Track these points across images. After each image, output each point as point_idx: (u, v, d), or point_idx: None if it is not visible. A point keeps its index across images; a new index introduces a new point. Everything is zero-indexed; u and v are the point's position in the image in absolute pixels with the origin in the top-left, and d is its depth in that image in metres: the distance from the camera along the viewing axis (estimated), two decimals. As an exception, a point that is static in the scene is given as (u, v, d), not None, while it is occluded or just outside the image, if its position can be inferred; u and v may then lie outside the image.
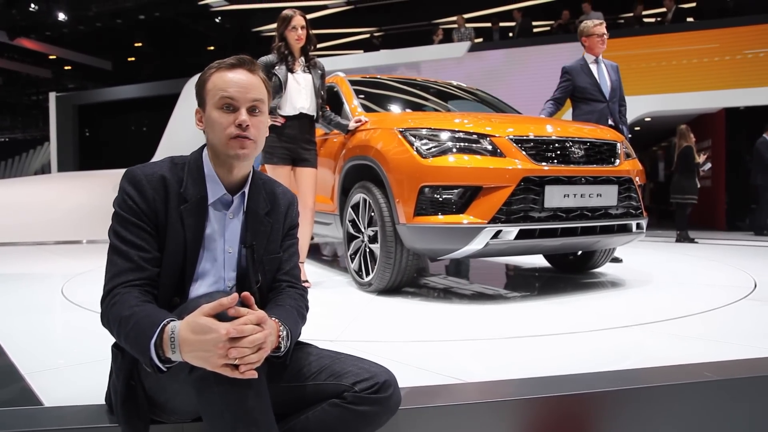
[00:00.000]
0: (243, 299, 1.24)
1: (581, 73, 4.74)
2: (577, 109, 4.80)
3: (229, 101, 1.40)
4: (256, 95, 1.42)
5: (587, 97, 4.71)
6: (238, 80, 1.41)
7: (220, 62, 1.45)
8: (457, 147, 3.27)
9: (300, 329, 1.45)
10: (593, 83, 4.71)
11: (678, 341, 2.48)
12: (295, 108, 3.76)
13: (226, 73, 1.42)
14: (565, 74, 4.80)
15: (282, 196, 1.59)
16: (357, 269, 3.79)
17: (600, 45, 4.76)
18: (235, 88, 1.40)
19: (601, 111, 4.66)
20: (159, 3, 16.75)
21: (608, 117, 4.68)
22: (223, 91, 1.40)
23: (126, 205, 1.37)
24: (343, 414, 1.32)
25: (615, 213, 3.51)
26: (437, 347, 2.44)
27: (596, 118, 4.60)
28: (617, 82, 4.82)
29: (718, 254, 5.95)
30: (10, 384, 1.92)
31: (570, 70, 4.79)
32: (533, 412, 1.70)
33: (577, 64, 4.80)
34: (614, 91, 4.76)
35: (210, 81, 1.43)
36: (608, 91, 4.73)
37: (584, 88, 4.71)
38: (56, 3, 16.64)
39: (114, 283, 1.33)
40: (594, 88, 4.70)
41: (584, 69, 4.75)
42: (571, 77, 4.75)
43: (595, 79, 4.73)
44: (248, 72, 1.43)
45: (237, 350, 1.14)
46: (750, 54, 9.87)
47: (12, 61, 22.38)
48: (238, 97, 1.40)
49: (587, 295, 3.56)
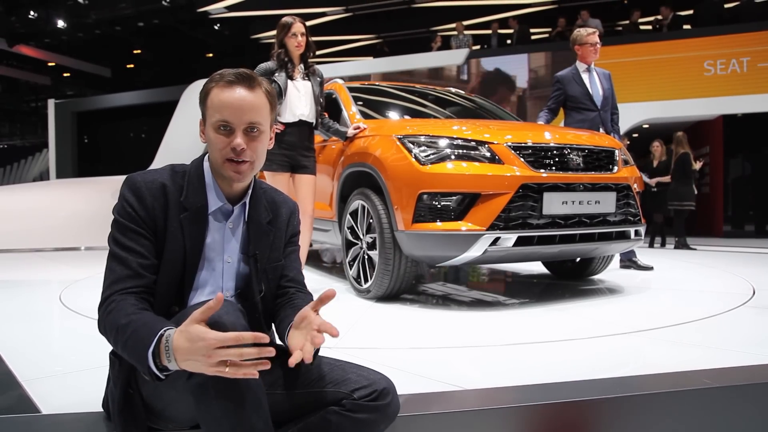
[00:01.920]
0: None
1: (572, 81, 4.73)
2: (569, 118, 4.80)
3: (225, 123, 1.38)
4: (252, 117, 1.39)
5: (579, 106, 4.71)
6: (234, 101, 1.38)
7: (221, 75, 1.41)
8: (456, 154, 3.28)
9: None
10: (584, 92, 4.70)
11: (677, 348, 2.47)
12: (295, 115, 3.76)
13: (224, 91, 1.39)
14: (556, 83, 4.80)
15: (283, 204, 1.59)
16: (355, 276, 3.79)
17: (593, 54, 4.76)
18: (230, 111, 1.38)
19: (592, 120, 4.66)
20: (158, 10, 16.79)
21: (600, 125, 4.68)
22: (218, 113, 1.38)
23: (125, 212, 1.38)
24: (341, 421, 1.32)
25: (613, 220, 3.52)
26: (436, 354, 2.44)
27: (588, 126, 4.59)
28: (609, 90, 4.82)
29: (716, 261, 5.95)
30: (7, 391, 1.91)
31: (561, 78, 4.78)
32: (532, 419, 1.70)
33: (569, 72, 4.80)
34: (606, 100, 4.75)
35: (209, 98, 1.41)
36: (600, 100, 4.72)
37: (576, 96, 4.70)
38: (55, 10, 16.68)
39: (111, 290, 1.33)
40: (585, 97, 4.69)
41: (576, 78, 4.74)
42: (562, 86, 4.75)
43: (586, 87, 4.72)
44: (247, 89, 1.39)
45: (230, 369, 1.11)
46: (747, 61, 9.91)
47: (11, 68, 22.39)
48: (234, 120, 1.38)
49: (586, 301, 3.56)
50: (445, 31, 14.78)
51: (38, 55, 20.66)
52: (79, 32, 18.27)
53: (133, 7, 16.34)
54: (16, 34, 18.08)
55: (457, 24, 12.87)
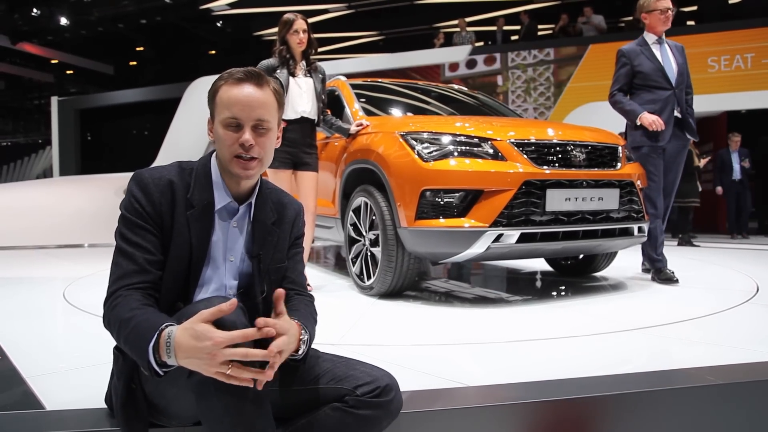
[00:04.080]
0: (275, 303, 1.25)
1: (641, 55, 4.07)
2: (636, 98, 4.10)
3: (234, 120, 1.40)
4: (260, 114, 1.40)
5: (649, 84, 4.04)
6: (243, 98, 1.39)
7: (230, 73, 1.43)
8: (459, 151, 3.28)
9: (315, 334, 1.45)
10: (656, 67, 4.03)
11: (680, 345, 2.47)
12: (297, 112, 3.76)
13: (233, 88, 1.41)
14: (621, 57, 4.15)
15: (289, 206, 1.59)
16: (358, 273, 3.79)
17: (663, 22, 4.06)
18: (239, 107, 1.39)
19: (665, 99, 3.99)
20: (160, 7, 16.80)
21: (674, 107, 4.01)
22: (227, 110, 1.40)
23: (132, 208, 1.38)
24: (344, 418, 1.32)
25: (616, 216, 3.51)
26: (439, 351, 2.44)
27: (660, 107, 3.99)
28: (684, 65, 4.13)
29: (720, 258, 5.94)
30: (12, 388, 1.92)
31: (627, 52, 4.12)
32: (535, 416, 1.70)
33: (635, 45, 4.13)
34: (681, 76, 4.06)
35: (218, 95, 1.42)
36: (674, 77, 4.03)
37: (645, 73, 4.04)
38: (58, 8, 16.70)
39: (117, 285, 1.33)
40: (657, 73, 4.02)
41: (645, 51, 4.08)
42: (628, 61, 4.09)
43: (658, 62, 4.04)
44: (256, 87, 1.41)
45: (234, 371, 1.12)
46: (751, 57, 9.87)
47: (14, 65, 22.43)
48: (242, 117, 1.39)
49: (589, 298, 3.55)
50: (448, 28, 14.75)
51: (41, 52, 20.69)
52: (82, 30, 18.29)
53: (136, 5, 16.36)
54: (20, 32, 18.12)
55: (460, 21, 12.85)
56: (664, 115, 3.97)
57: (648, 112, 3.96)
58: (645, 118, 3.94)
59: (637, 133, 4.05)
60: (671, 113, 4.01)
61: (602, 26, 11.82)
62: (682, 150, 4.17)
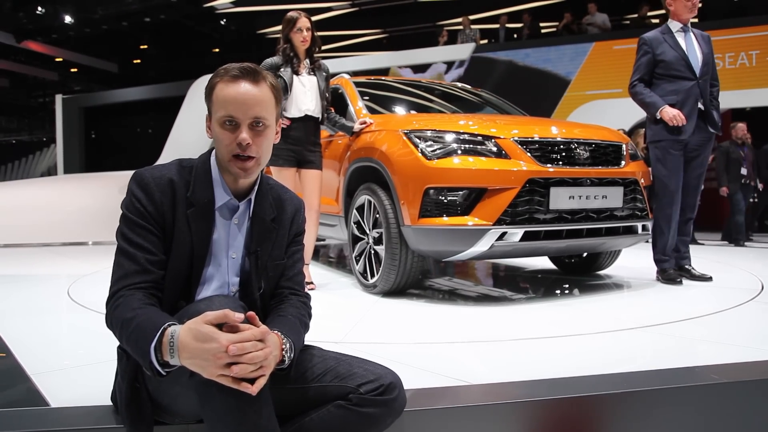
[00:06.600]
0: (248, 318, 1.21)
1: (664, 43, 3.86)
2: (657, 89, 3.89)
3: (230, 119, 1.38)
4: (257, 111, 1.39)
5: (672, 74, 3.83)
6: (239, 96, 1.38)
7: (226, 70, 1.41)
8: (462, 149, 3.27)
9: (303, 339, 1.43)
10: (680, 56, 3.82)
11: (684, 343, 2.46)
12: (300, 110, 3.76)
13: (229, 86, 1.39)
14: (642, 45, 3.94)
15: (289, 202, 1.58)
16: (362, 271, 3.79)
17: (690, 9, 3.85)
18: (235, 105, 1.37)
19: (688, 90, 3.79)
20: (164, 5, 16.84)
21: (698, 98, 3.81)
22: (223, 108, 1.38)
23: (133, 207, 1.38)
24: (347, 416, 1.32)
25: (620, 215, 3.51)
26: (442, 349, 2.44)
27: (682, 98, 3.79)
28: (710, 55, 3.91)
29: (724, 256, 5.92)
30: (16, 385, 1.93)
31: (650, 40, 3.90)
32: (539, 415, 1.69)
33: (658, 33, 3.93)
34: (706, 67, 3.85)
35: (214, 93, 1.41)
36: (699, 67, 3.82)
37: (668, 62, 3.83)
38: (62, 6, 16.75)
39: (119, 285, 1.33)
40: (681, 63, 3.81)
41: (668, 39, 3.86)
42: (650, 49, 3.88)
43: (682, 51, 3.83)
44: (252, 84, 1.39)
45: (239, 367, 1.12)
46: (756, 54, 9.83)
47: (19, 63, 22.50)
48: (239, 115, 1.38)
49: (592, 297, 3.55)
50: (452, 26, 14.73)
51: (45, 50, 20.76)
52: (86, 28, 18.35)
53: (140, 3, 16.40)
54: (24, 30, 18.19)
55: (464, 18, 12.83)
56: (686, 108, 3.78)
57: (669, 105, 3.77)
58: (666, 113, 3.74)
59: (657, 127, 3.86)
60: (694, 105, 3.80)
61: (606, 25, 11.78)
62: (706, 143, 3.92)
